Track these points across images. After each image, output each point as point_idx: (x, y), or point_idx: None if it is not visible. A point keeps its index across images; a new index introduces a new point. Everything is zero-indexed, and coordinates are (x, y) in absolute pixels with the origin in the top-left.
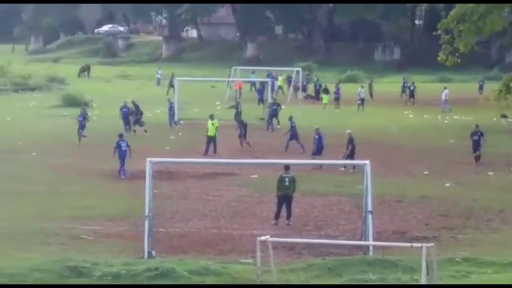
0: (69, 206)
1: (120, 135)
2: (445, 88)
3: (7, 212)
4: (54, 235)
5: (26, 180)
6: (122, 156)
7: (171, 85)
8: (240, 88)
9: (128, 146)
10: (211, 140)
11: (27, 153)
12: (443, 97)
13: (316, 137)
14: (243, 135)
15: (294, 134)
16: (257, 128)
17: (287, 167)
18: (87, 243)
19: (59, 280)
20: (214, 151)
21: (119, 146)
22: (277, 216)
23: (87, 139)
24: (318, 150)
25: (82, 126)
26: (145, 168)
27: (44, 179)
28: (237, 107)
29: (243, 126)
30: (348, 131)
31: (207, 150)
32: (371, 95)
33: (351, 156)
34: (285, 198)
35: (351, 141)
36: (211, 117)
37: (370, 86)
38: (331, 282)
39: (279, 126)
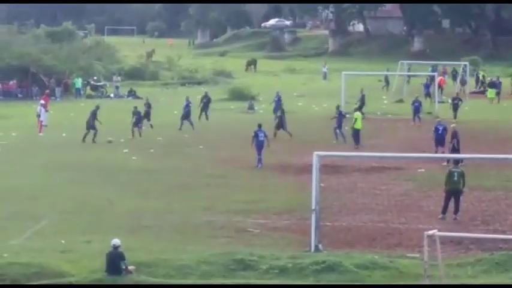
0: (236, 200)
1: (259, 126)
2: None
3: (175, 204)
4: (220, 228)
5: (194, 174)
6: (259, 146)
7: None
8: (442, 84)
9: (265, 136)
10: (357, 132)
11: (194, 146)
12: None
13: (440, 128)
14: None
15: (339, 123)
16: (424, 122)
17: (456, 162)
18: (253, 236)
19: (226, 273)
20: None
21: (256, 135)
22: (444, 210)
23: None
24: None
25: None
26: (312, 161)
27: (211, 172)
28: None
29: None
30: (453, 125)
31: (356, 143)
32: None
33: (456, 150)
34: (453, 193)
35: (455, 135)
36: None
37: None
38: (498, 277)
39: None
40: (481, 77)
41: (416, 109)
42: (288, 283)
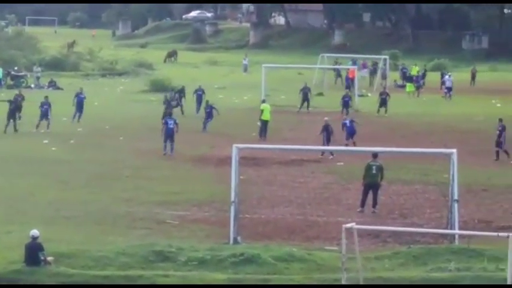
0: (156, 191)
1: (170, 114)
2: None
3: (95, 196)
4: (140, 219)
5: (113, 165)
6: (169, 133)
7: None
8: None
9: (175, 123)
10: (265, 123)
11: (115, 137)
12: (447, 84)
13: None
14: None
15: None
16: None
17: (375, 155)
18: (172, 228)
19: (144, 264)
20: (265, 136)
21: (166, 123)
22: (363, 203)
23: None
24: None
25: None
26: (232, 154)
27: (131, 163)
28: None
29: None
30: (325, 118)
31: (262, 134)
32: (473, 83)
33: (328, 142)
34: (371, 186)
35: (326, 128)
36: (264, 101)
37: (473, 74)
38: (416, 270)
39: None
40: (415, 72)
41: (346, 103)
42: (206, 275)
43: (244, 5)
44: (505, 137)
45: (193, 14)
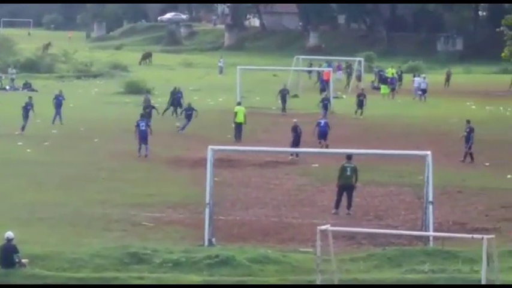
0: (131, 193)
1: (141, 115)
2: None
3: (70, 198)
4: (115, 221)
5: (89, 167)
6: (142, 136)
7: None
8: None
9: (147, 125)
10: (239, 125)
11: (90, 139)
12: (416, 84)
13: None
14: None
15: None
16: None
17: (349, 157)
18: (147, 230)
19: (119, 266)
20: (240, 138)
21: (137, 125)
22: (337, 205)
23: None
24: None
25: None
26: (207, 155)
27: (106, 165)
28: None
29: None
30: (294, 120)
31: (237, 137)
32: (447, 84)
33: (296, 144)
34: (346, 188)
35: (295, 129)
36: (239, 103)
37: (448, 76)
38: (391, 272)
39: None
40: (390, 74)
41: (325, 106)
42: (181, 277)
43: (219, 7)
44: (473, 139)
45: (169, 15)
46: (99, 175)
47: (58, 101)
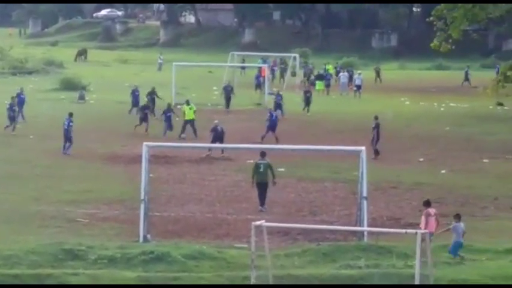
0: (66, 190)
1: (70, 114)
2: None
3: (4, 195)
4: (50, 218)
5: (24, 164)
6: (64, 134)
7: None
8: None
9: (69, 124)
10: (188, 123)
11: (25, 136)
12: (342, 80)
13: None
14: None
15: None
16: (254, 113)
17: (263, 154)
18: (83, 226)
19: (54, 263)
20: (195, 135)
21: (64, 124)
22: (262, 202)
23: (83, 123)
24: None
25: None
26: (142, 152)
27: (42, 162)
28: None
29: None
30: (215, 121)
31: (182, 132)
32: (379, 80)
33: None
34: (260, 185)
35: (214, 129)
36: (188, 102)
37: (378, 72)
38: (325, 267)
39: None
40: (332, 70)
41: (278, 105)
42: (116, 273)
43: (155, 4)
44: (379, 135)
45: (104, 12)
46: (33, 172)
47: (20, 99)
